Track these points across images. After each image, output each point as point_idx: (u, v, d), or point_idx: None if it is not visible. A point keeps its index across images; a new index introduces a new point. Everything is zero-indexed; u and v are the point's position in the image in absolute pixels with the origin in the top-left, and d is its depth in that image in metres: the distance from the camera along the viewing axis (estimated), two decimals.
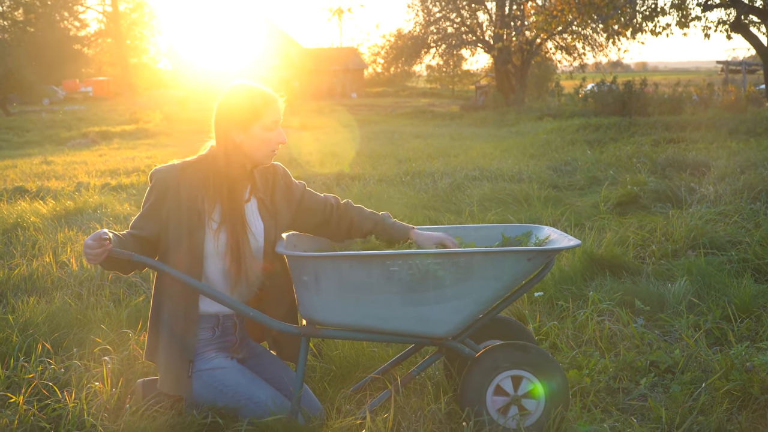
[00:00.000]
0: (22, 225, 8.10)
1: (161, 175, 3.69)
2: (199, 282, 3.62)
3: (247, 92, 3.73)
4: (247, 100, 3.70)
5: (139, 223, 3.69)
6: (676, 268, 6.16)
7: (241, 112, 3.68)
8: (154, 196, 3.68)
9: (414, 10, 47.21)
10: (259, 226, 3.82)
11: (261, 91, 3.75)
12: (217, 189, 3.70)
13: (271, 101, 3.73)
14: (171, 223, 3.66)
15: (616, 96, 26.43)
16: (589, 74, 43.47)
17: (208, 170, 3.72)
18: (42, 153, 20.12)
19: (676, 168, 10.89)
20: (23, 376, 4.15)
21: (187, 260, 3.64)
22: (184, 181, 3.68)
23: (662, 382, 4.25)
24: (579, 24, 21.37)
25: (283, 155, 15.26)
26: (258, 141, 3.68)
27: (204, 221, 3.67)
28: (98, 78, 70.32)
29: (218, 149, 3.73)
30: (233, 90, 3.76)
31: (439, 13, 46.44)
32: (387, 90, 74.71)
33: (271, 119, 3.70)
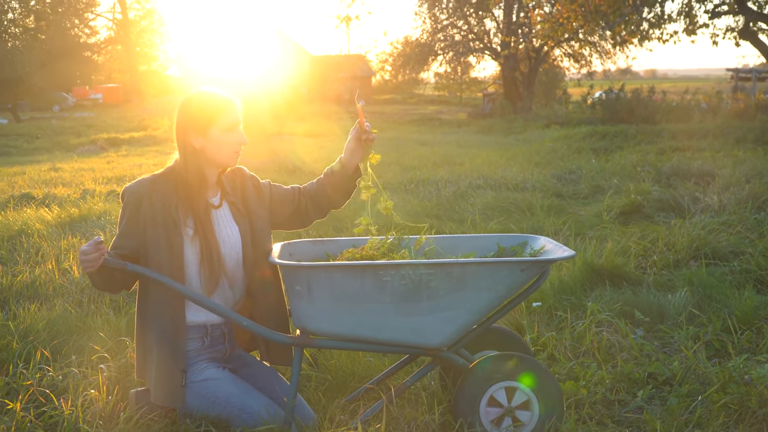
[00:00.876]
0: (26, 232, 8.11)
1: (132, 190, 3.70)
2: (195, 292, 3.61)
3: (203, 97, 3.75)
4: (203, 105, 3.71)
5: (118, 242, 3.69)
6: (677, 278, 6.13)
7: (198, 117, 3.70)
8: (128, 213, 3.68)
9: (421, 18, 47.27)
10: (234, 230, 3.82)
11: (216, 94, 3.77)
12: (185, 196, 3.71)
13: (227, 103, 3.74)
14: (149, 235, 3.65)
15: (624, 104, 26.43)
16: (597, 81, 43.37)
17: (177, 179, 3.72)
18: (51, 159, 20.16)
19: (680, 177, 10.86)
20: (22, 383, 4.16)
21: (169, 270, 3.64)
22: (155, 193, 3.68)
23: (660, 395, 4.22)
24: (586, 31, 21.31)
25: (285, 163, 15.27)
26: (218, 143, 3.69)
27: (180, 229, 3.67)
28: (108, 85, 70.53)
29: (180, 158, 3.75)
30: (189, 97, 3.78)
31: (447, 20, 46.47)
32: (395, 97, 74.74)
33: (229, 121, 3.71)
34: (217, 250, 3.71)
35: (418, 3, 47.20)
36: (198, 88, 3.81)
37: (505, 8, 42.94)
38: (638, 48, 29.14)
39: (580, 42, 31.90)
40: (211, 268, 3.69)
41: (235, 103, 3.77)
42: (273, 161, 16.51)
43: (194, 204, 3.70)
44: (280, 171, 14.42)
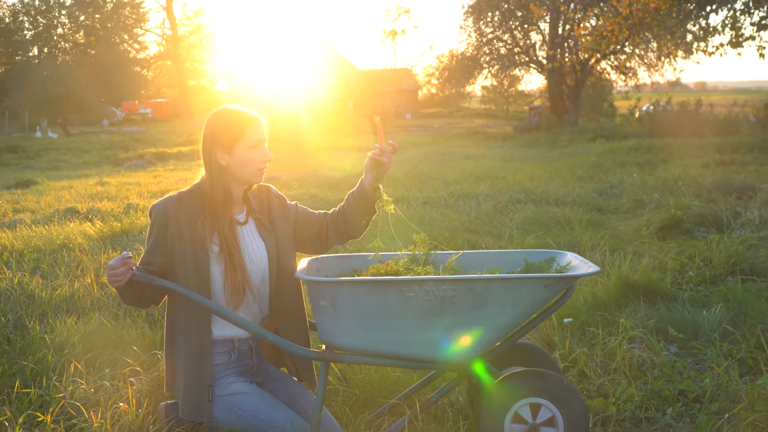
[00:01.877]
0: (68, 246, 8.23)
1: (160, 207, 3.77)
2: (221, 306, 3.66)
3: (229, 115, 3.79)
4: (228, 122, 3.76)
5: (147, 258, 3.75)
6: (713, 294, 6.07)
7: (223, 134, 3.74)
8: (156, 230, 3.75)
9: (466, 31, 47.30)
10: (260, 246, 3.87)
11: (242, 112, 3.81)
12: (211, 213, 3.76)
13: (252, 121, 3.78)
14: (176, 252, 3.71)
15: (671, 117, 26.21)
16: (644, 94, 43.09)
17: (203, 196, 3.78)
18: (98, 174, 20.47)
19: (722, 191, 10.74)
20: (54, 396, 4.23)
21: (196, 286, 3.69)
22: (182, 210, 3.74)
23: (689, 412, 4.18)
24: (631, 44, 21.19)
25: (329, 177, 15.34)
26: (243, 161, 3.73)
27: (207, 246, 3.72)
28: (157, 100, 71.37)
29: (206, 174, 3.80)
30: (215, 114, 3.82)
31: (492, 33, 46.45)
32: (441, 111, 74.84)
33: (254, 138, 3.74)
34: (242, 266, 3.75)
35: (464, 17, 47.28)
36: (224, 106, 3.86)
37: (551, 21, 42.87)
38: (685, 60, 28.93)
39: (625, 54, 31.69)
40: (234, 284, 3.72)
41: (260, 121, 3.80)
42: (316, 175, 16.62)
43: (219, 220, 3.75)
44: (322, 186, 14.51)
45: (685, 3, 18.11)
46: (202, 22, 77.44)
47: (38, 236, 8.79)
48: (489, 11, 45.88)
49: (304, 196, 12.59)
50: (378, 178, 3.85)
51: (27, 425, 3.97)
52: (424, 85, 76.59)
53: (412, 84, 73.21)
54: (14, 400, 4.28)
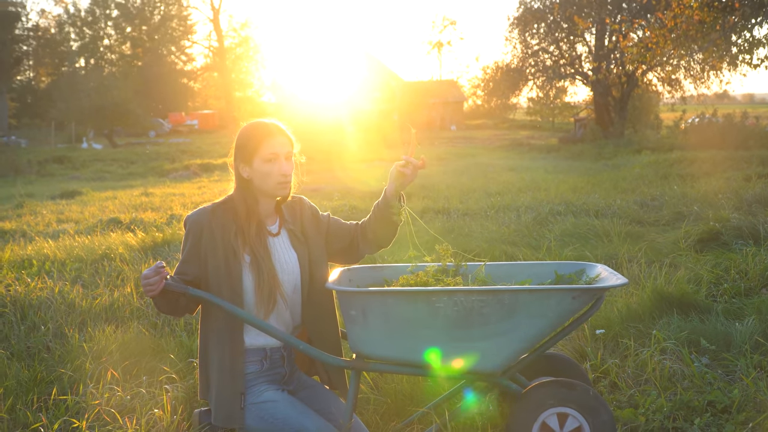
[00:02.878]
0: (109, 256, 8.39)
1: (194, 219, 3.87)
2: (253, 316, 3.76)
3: (251, 128, 3.90)
4: (249, 136, 3.87)
5: (182, 268, 3.85)
6: (746, 306, 6.07)
7: (244, 147, 3.85)
8: (191, 241, 3.85)
9: (512, 43, 47.21)
10: (292, 257, 3.95)
11: (264, 125, 3.89)
12: (241, 225, 3.86)
13: (269, 134, 3.85)
14: (210, 263, 3.81)
15: (716, 129, 26.02)
16: (690, 106, 42.73)
17: (236, 209, 3.88)
18: (143, 185, 20.73)
19: (762, 204, 10.68)
20: (90, 402, 4.34)
21: (229, 296, 3.78)
22: (215, 221, 3.84)
23: (717, 422, 4.21)
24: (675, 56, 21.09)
25: (372, 187, 15.43)
26: (262, 174, 3.83)
27: (240, 257, 3.81)
28: (204, 111, 72.00)
29: (235, 186, 3.93)
30: (242, 128, 3.93)
31: (537, 45, 46.35)
32: (486, 122, 74.75)
33: (268, 151, 3.82)
34: (272, 274, 3.83)
35: (509, 28, 47.16)
36: (255, 119, 3.96)
37: (597, 33, 42.70)
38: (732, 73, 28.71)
39: (671, 66, 31.52)
40: (262, 294, 3.80)
41: (280, 134, 3.87)
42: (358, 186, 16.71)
43: (245, 232, 3.85)
44: (363, 197, 14.60)
45: (730, 16, 17.99)
46: (248, 34, 78.04)
47: (80, 246, 8.97)
48: (534, 23, 45.76)
49: (345, 207, 12.69)
50: (399, 189, 3.93)
51: (62, 431, 4.09)
52: (469, 97, 76.61)
53: (457, 95, 73.19)
54: (51, 406, 4.40)
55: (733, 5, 17.60)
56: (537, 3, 45.62)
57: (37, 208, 15.26)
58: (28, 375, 4.80)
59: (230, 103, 72.28)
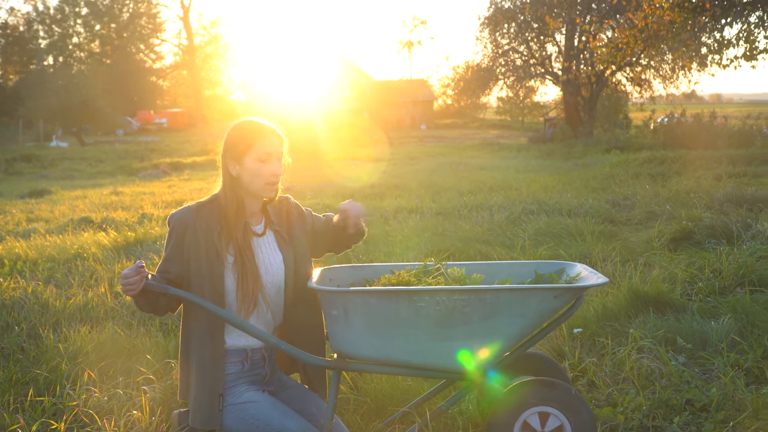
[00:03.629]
0: (82, 255, 8.32)
1: (178, 217, 3.82)
2: (235, 316, 3.73)
3: (243, 125, 3.86)
4: (242, 133, 3.82)
5: (164, 267, 3.81)
6: (721, 305, 6.11)
7: (235, 144, 3.80)
8: (174, 239, 3.80)
9: (482, 43, 47.35)
10: (277, 258, 3.92)
11: (258, 124, 3.86)
12: (225, 223, 3.82)
13: (264, 133, 3.82)
14: (192, 262, 3.77)
15: (685, 129, 26.20)
16: (659, 106, 43.00)
17: (220, 207, 3.84)
18: (113, 183, 20.60)
19: (734, 203, 10.76)
20: (68, 404, 4.30)
21: (211, 296, 3.74)
22: (200, 220, 3.80)
23: (696, 421, 4.23)
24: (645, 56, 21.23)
25: (344, 187, 15.42)
26: (252, 173, 3.79)
27: (222, 257, 3.78)
28: (173, 110, 71.60)
29: (222, 184, 3.87)
30: (233, 125, 3.88)
31: (508, 45, 46.52)
32: (456, 121, 74.86)
33: (263, 150, 3.78)
34: (254, 275, 3.80)
35: (480, 28, 47.32)
36: (246, 117, 3.92)
37: (567, 33, 42.90)
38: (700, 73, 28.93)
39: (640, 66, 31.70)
40: (246, 292, 3.77)
41: (274, 135, 3.84)
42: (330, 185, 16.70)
43: (232, 231, 3.81)
44: (336, 195, 14.59)
45: (700, 16, 18.14)
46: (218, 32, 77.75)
47: (52, 246, 8.89)
48: (505, 23, 45.93)
49: (319, 206, 12.67)
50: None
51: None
52: (439, 96, 76.70)
53: (427, 95, 73.30)
54: (28, 408, 4.36)
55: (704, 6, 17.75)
56: (507, 3, 45.84)
57: (6, 207, 15.13)
58: (3, 376, 4.75)
59: (199, 101, 72.00)
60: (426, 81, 79.06)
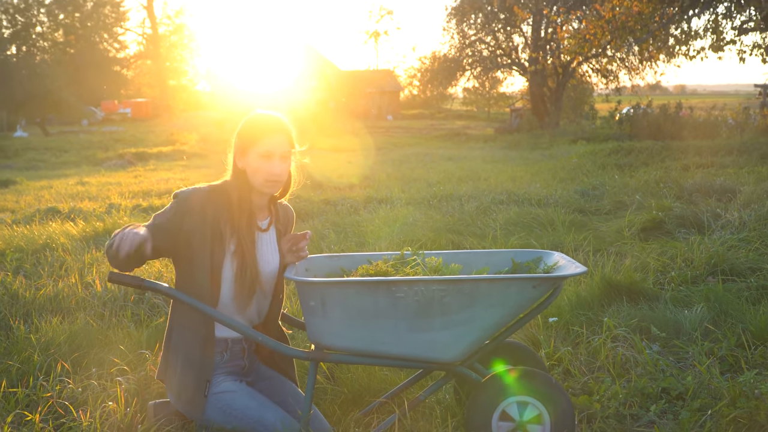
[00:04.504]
0: (51, 246, 8.22)
1: (188, 196, 3.74)
2: (210, 308, 3.69)
3: (254, 119, 3.85)
4: (250, 126, 3.82)
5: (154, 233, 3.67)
6: (694, 294, 6.14)
7: (242, 137, 3.80)
8: (177, 216, 3.71)
9: (449, 33, 47.43)
10: (276, 256, 3.94)
11: (268, 119, 3.84)
12: (232, 212, 3.78)
13: (271, 131, 3.79)
14: (194, 245, 3.73)
15: (651, 119, 26.35)
16: (625, 97, 43.24)
17: (229, 194, 3.81)
18: (78, 174, 20.39)
19: (702, 193, 10.83)
20: (42, 395, 4.24)
21: (207, 283, 3.73)
22: (210, 204, 3.75)
23: (672, 409, 4.25)
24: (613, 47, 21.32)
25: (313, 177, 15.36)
26: (253, 168, 3.77)
27: (225, 244, 3.75)
28: (137, 99, 71.04)
29: (231, 174, 3.86)
30: (247, 117, 3.87)
31: (475, 35, 46.60)
32: (423, 112, 74.91)
33: (265, 148, 3.76)
34: (254, 270, 3.80)
35: (447, 18, 47.45)
36: (260, 110, 3.91)
37: (533, 24, 43.03)
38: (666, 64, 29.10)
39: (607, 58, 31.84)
40: (243, 284, 3.77)
41: (281, 135, 3.81)
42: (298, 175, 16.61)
43: (236, 221, 3.79)
44: (305, 186, 14.49)
45: (668, 7, 18.24)
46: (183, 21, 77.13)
47: (20, 236, 8.77)
48: (472, 13, 46.01)
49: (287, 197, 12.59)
50: None
51: (15, 425, 3.98)
52: (405, 87, 76.73)
53: (393, 85, 73.26)
54: (1, 399, 4.29)
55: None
56: None
57: None
58: None
59: (164, 91, 71.42)
60: (392, 71, 78.98)
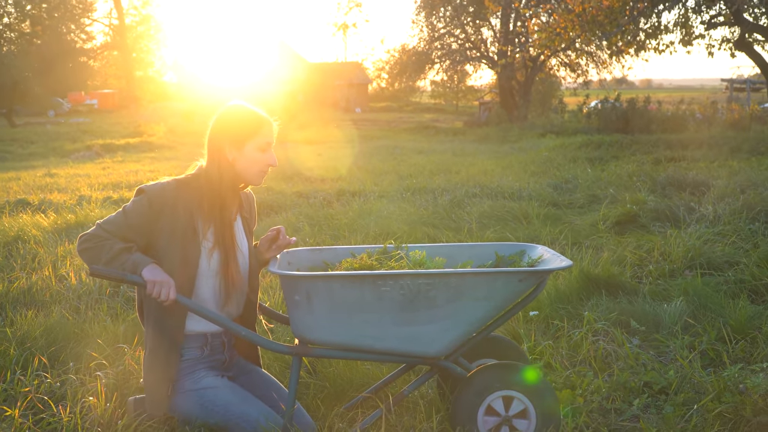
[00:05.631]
0: (22, 238, 8.12)
1: (156, 192, 3.65)
2: (195, 302, 3.63)
3: (245, 111, 3.79)
4: (243, 119, 3.75)
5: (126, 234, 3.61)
6: (672, 288, 6.16)
7: (237, 129, 3.72)
8: (146, 213, 3.62)
9: (418, 26, 47.34)
10: (244, 244, 3.89)
11: (257, 112, 3.80)
12: (211, 207, 3.71)
13: (266, 123, 3.78)
14: (162, 241, 3.65)
15: (619, 113, 26.49)
16: (592, 91, 43.43)
17: (203, 188, 3.72)
18: (46, 165, 20.15)
19: (676, 187, 10.89)
20: (19, 390, 4.18)
21: (180, 278, 3.64)
22: (180, 201, 3.67)
23: (655, 403, 4.25)
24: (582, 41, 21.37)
25: (284, 169, 15.29)
26: (250, 160, 3.72)
27: (199, 240, 3.68)
28: (104, 90, 70.49)
29: (211, 167, 3.74)
30: (231, 108, 3.79)
31: (444, 29, 46.57)
32: (391, 105, 74.88)
33: (264, 140, 3.74)
34: (237, 263, 3.77)
35: (416, 11, 47.30)
36: (239, 101, 3.85)
37: (502, 17, 43.05)
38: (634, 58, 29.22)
39: (576, 52, 31.92)
40: (227, 278, 3.73)
41: (272, 124, 3.82)
42: None
43: (218, 215, 3.73)
44: (277, 178, 14.45)
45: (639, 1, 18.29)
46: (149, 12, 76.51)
47: None
48: (441, 6, 45.96)
49: (259, 189, 12.53)
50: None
51: None
52: (374, 79, 76.51)
53: (362, 78, 73.12)
54: None
55: None
56: None
57: None
58: None
59: (131, 82, 70.79)
60: (361, 64, 78.82)
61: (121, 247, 3.57)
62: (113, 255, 3.55)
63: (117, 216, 3.66)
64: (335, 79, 69.96)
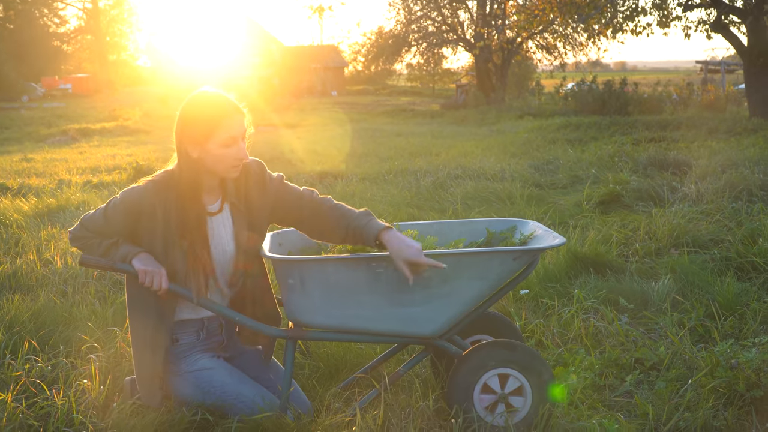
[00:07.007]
0: (4, 222, 8.06)
1: (133, 199, 3.57)
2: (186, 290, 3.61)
3: (205, 104, 3.55)
4: (202, 114, 3.52)
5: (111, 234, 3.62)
6: (659, 266, 6.20)
7: (195, 126, 3.51)
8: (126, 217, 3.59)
9: (395, 9, 47.20)
10: (229, 233, 3.73)
11: (220, 103, 3.54)
12: (182, 208, 3.58)
13: (227, 115, 3.51)
14: (145, 241, 3.62)
15: (596, 95, 26.54)
16: (568, 73, 43.55)
17: (175, 188, 3.59)
18: (21, 150, 19.97)
19: (657, 167, 10.95)
20: (10, 374, 4.14)
21: (168, 273, 3.61)
22: (158, 203, 3.57)
23: (647, 379, 4.28)
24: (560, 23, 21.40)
25: (264, 152, 15.25)
26: (215, 157, 3.52)
27: (176, 238, 3.59)
28: (77, 75, 69.86)
29: (178, 165, 3.60)
30: (192, 102, 3.58)
31: (420, 11, 46.47)
32: (367, 88, 74.69)
33: (226, 135, 3.49)
34: (204, 262, 3.63)
35: None
36: (204, 90, 3.61)
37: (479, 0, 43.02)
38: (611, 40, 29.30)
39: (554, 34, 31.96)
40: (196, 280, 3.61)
41: (238, 114, 3.55)
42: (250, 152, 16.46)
43: (186, 213, 3.58)
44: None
45: None
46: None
47: None
48: None
49: None
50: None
51: None
52: (350, 62, 76.37)
53: (338, 61, 72.96)
54: None
55: None
56: None
57: None
58: None
59: (104, 66, 70.37)
60: (337, 47, 78.67)
61: (108, 243, 3.59)
62: (102, 252, 3.59)
63: (98, 217, 3.62)
64: (311, 62, 69.72)
